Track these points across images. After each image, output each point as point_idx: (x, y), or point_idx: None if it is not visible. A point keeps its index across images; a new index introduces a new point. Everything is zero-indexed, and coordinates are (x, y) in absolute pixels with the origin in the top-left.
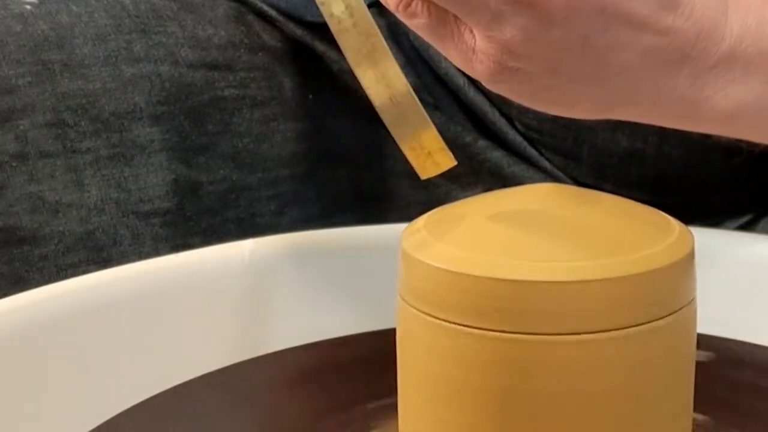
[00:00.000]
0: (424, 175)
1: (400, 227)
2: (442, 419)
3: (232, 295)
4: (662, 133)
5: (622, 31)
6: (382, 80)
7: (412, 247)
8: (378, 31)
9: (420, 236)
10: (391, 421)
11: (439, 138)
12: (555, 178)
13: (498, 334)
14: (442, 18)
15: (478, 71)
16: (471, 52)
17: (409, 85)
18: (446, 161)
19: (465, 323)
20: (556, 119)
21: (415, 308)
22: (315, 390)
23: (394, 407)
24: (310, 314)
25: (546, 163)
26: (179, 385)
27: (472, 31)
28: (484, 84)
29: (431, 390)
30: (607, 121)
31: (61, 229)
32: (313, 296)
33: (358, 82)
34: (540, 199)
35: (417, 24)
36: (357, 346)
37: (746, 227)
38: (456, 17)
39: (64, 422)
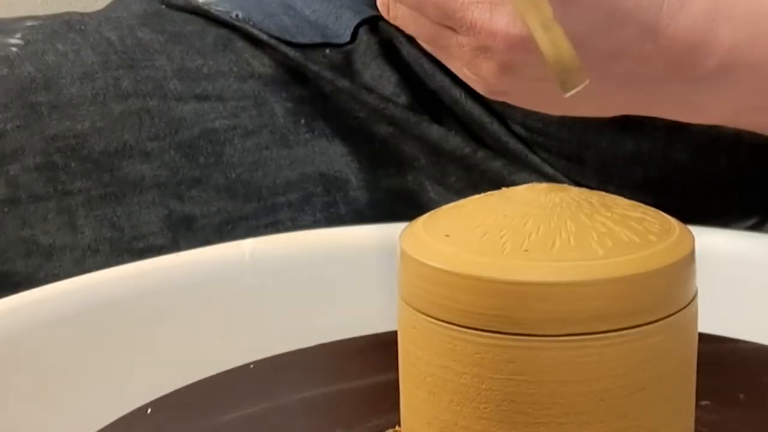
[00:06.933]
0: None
1: (400, 227)
2: (443, 420)
3: (231, 295)
4: (669, 135)
5: (598, 62)
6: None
7: (410, 247)
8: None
9: (419, 237)
10: (393, 423)
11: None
12: (558, 183)
13: (497, 335)
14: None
15: (475, 88)
16: (464, 75)
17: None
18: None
19: (464, 324)
20: (561, 121)
21: (414, 309)
22: (316, 392)
23: (395, 409)
24: (310, 314)
25: (549, 169)
26: (180, 389)
27: None
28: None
29: (432, 391)
30: (614, 123)
31: (56, 272)
32: (312, 296)
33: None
34: (540, 199)
35: (417, 34)
36: (358, 347)
37: (752, 230)
38: None
39: (64, 423)
